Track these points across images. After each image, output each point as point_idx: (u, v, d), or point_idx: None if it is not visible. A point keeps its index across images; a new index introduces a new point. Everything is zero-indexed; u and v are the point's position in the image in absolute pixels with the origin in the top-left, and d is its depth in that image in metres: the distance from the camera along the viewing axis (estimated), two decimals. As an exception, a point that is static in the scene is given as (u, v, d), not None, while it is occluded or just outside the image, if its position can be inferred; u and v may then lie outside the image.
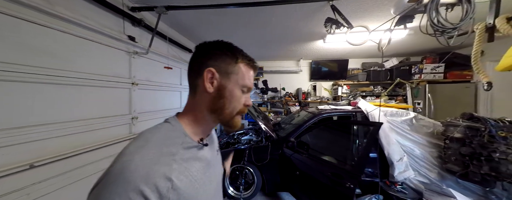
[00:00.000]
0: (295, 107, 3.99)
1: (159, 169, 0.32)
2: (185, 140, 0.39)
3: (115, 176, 0.30)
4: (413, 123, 1.83)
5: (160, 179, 0.31)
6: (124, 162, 0.31)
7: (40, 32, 0.95)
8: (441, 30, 1.01)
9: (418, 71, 3.15)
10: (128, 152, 0.33)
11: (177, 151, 0.36)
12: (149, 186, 0.30)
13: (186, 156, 0.38)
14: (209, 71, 0.40)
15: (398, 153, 1.68)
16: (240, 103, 0.43)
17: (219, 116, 0.42)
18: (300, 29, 2.21)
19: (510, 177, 1.27)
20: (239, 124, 0.45)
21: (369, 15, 1.72)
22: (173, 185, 0.32)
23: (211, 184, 0.43)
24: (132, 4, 1.52)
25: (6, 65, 0.83)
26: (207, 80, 0.40)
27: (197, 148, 0.41)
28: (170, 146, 0.36)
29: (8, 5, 0.83)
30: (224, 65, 0.41)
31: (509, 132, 1.32)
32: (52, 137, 0.99)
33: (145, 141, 0.35)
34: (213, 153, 0.48)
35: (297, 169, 1.64)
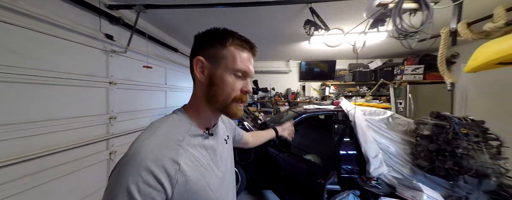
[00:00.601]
0: (285, 106, 4.05)
1: (166, 153, 0.35)
2: (191, 129, 0.41)
3: (128, 159, 0.33)
4: (389, 122, 1.92)
5: (168, 161, 0.34)
6: (136, 147, 0.34)
7: (5, 30, 0.92)
8: (404, 34, 1.07)
9: (399, 72, 3.29)
10: (140, 138, 0.36)
11: (183, 138, 0.38)
12: (158, 167, 0.32)
13: (192, 143, 0.40)
14: (198, 60, 0.41)
15: (374, 150, 1.76)
16: (234, 89, 0.41)
17: (215, 104, 0.42)
18: (285, 30, 2.25)
19: (471, 171, 1.37)
20: (238, 112, 0.43)
21: (345, 18, 1.78)
22: (180, 167, 0.35)
23: (219, 170, 0.45)
24: (110, 2, 1.50)
25: None
26: (197, 70, 0.41)
27: (202, 136, 0.43)
28: (177, 133, 0.38)
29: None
30: (213, 51, 0.40)
31: (470, 129, 1.42)
32: (14, 138, 0.96)
33: (154, 129, 0.38)
34: (220, 142, 0.49)
35: (280, 168, 1.68)
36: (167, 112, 2.56)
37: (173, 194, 0.34)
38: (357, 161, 1.87)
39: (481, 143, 1.39)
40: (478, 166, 1.35)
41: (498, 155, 1.38)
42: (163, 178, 0.33)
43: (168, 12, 1.79)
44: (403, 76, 3.26)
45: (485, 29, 1.09)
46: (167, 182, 0.33)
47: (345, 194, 1.74)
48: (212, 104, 0.42)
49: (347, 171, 1.89)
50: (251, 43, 0.43)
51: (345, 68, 4.06)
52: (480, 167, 1.35)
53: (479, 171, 1.35)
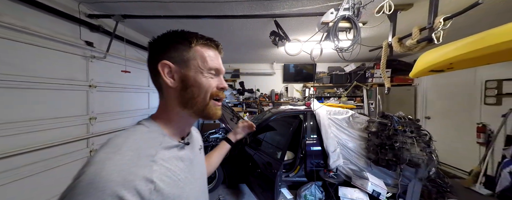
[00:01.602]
0: (269, 106, 4.26)
1: (138, 171, 0.30)
2: (164, 140, 0.38)
3: (83, 187, 0.26)
4: (350, 120, 2.17)
5: (141, 182, 0.29)
6: (94, 171, 0.27)
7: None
8: (339, 48, 1.30)
9: (370, 75, 3.60)
10: (97, 159, 0.29)
11: (156, 152, 0.35)
12: (129, 190, 0.28)
13: (167, 156, 0.36)
14: (164, 65, 0.38)
15: (333, 145, 2.00)
16: (211, 86, 0.40)
17: (193, 107, 0.39)
18: (259, 37, 2.45)
19: (406, 161, 1.63)
20: (217, 112, 0.41)
21: (307, 30, 2.01)
22: (155, 186, 0.31)
23: (196, 181, 0.42)
24: (90, 11, 1.62)
25: None
26: (165, 75, 0.38)
27: (177, 147, 0.40)
28: (148, 148, 0.34)
29: None
30: (178, 53, 0.38)
31: (406, 126, 1.69)
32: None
33: (117, 146, 0.32)
34: (195, 151, 0.47)
35: (255, 165, 1.87)
36: (150, 112, 2.66)
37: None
38: (321, 155, 2.11)
39: (414, 138, 1.66)
40: (411, 157, 1.62)
41: (427, 147, 1.65)
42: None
43: (147, 21, 1.93)
44: (373, 79, 3.57)
45: (406, 45, 1.34)
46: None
47: (309, 185, 1.97)
48: (190, 107, 0.40)
49: (313, 164, 2.11)
50: (215, 41, 0.42)
51: (323, 71, 4.34)
52: (413, 158, 1.61)
53: (412, 161, 1.62)
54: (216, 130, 3.21)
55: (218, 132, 3.03)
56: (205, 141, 2.58)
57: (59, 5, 1.37)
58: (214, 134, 2.92)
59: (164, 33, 0.41)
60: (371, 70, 3.61)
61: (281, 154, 1.50)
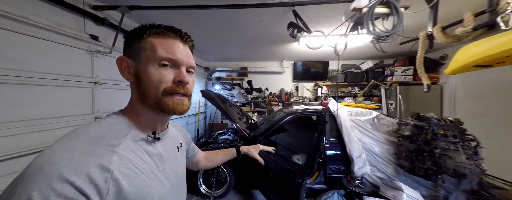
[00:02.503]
0: (278, 106, 4.07)
1: (93, 160, 0.29)
2: (131, 133, 0.37)
3: (32, 171, 0.26)
4: (374, 122, 1.95)
5: (96, 169, 0.29)
6: (46, 157, 0.28)
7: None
8: (376, 38, 1.10)
9: (390, 73, 3.33)
10: (52, 147, 0.30)
11: (119, 143, 0.34)
12: (80, 176, 0.27)
13: (132, 148, 0.35)
14: (121, 60, 0.37)
15: (357, 150, 1.79)
16: (162, 80, 0.36)
17: (147, 102, 0.37)
18: (273, 31, 2.27)
19: (449, 171, 1.39)
20: (177, 106, 0.38)
21: (327, 21, 1.81)
22: (112, 175, 0.30)
23: (167, 179, 0.40)
24: (95, 2, 1.51)
25: None
26: (122, 70, 0.38)
27: (146, 141, 0.39)
28: (111, 138, 0.34)
29: None
30: (132, 46, 0.37)
31: (448, 130, 1.45)
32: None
33: (74, 135, 0.32)
34: (170, 149, 0.45)
35: (268, 168, 1.70)
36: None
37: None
38: (343, 161, 1.90)
39: (458, 143, 1.42)
40: (455, 166, 1.38)
41: (475, 155, 1.41)
42: (88, 188, 0.27)
43: (155, 14, 1.81)
44: (393, 77, 3.30)
45: (456, 34, 1.12)
46: (94, 192, 0.27)
47: (330, 194, 1.77)
48: (145, 102, 0.38)
49: (333, 170, 1.91)
50: (174, 28, 0.39)
51: (337, 69, 4.10)
52: (457, 167, 1.38)
53: (457, 171, 1.38)
54: (224, 130, 3.07)
55: (227, 132, 2.89)
56: (214, 142, 2.44)
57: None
58: (223, 135, 2.78)
59: (133, 29, 0.39)
60: (390, 68, 3.34)
61: (306, 161, 1.31)
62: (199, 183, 2.11)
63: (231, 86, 4.43)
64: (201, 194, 2.07)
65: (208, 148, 2.17)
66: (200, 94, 2.35)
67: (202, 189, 2.09)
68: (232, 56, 3.91)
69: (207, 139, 2.65)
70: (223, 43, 2.88)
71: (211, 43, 2.88)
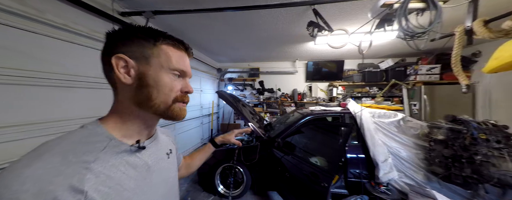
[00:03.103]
0: (291, 107, 4.01)
1: (62, 181, 0.26)
2: (111, 144, 0.34)
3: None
4: (400, 125, 1.83)
5: (65, 192, 0.26)
6: (6, 180, 0.24)
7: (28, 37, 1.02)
8: (410, 35, 1.02)
9: (413, 72, 3.11)
10: (14, 167, 0.26)
11: (95, 159, 0.31)
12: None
13: (112, 162, 0.32)
14: (119, 59, 0.34)
15: (383, 154, 1.68)
16: (173, 89, 0.37)
17: (150, 108, 0.36)
18: (289, 31, 2.24)
19: (492, 180, 1.26)
20: (182, 113, 0.39)
21: (350, 19, 1.74)
22: (86, 197, 0.27)
23: (153, 190, 0.38)
24: (122, 9, 1.60)
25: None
26: (118, 70, 0.34)
27: (129, 152, 0.35)
28: (84, 153, 0.30)
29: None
30: (139, 48, 0.35)
31: (491, 134, 1.31)
32: (33, 137, 1.05)
33: (42, 152, 0.28)
34: (158, 157, 0.42)
35: (285, 169, 1.67)
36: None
37: None
38: (365, 165, 1.81)
39: (503, 149, 1.27)
40: (501, 174, 1.24)
41: (525, 163, 1.26)
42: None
43: (174, 18, 1.87)
44: (417, 77, 3.08)
45: (504, 28, 1.01)
46: None
47: (353, 199, 1.69)
48: (146, 108, 0.36)
49: (354, 175, 1.82)
50: (185, 43, 0.40)
51: (354, 68, 3.93)
52: (503, 176, 1.24)
53: (502, 180, 1.24)
54: (238, 131, 3.09)
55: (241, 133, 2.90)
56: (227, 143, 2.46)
57: (94, 2, 1.36)
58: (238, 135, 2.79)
59: (129, 26, 0.37)
60: (414, 66, 3.12)
61: (331, 165, 1.26)
62: (217, 183, 2.14)
63: (243, 87, 4.45)
64: (218, 194, 2.09)
65: (223, 149, 2.19)
66: (214, 95, 2.38)
67: (219, 189, 2.11)
68: (245, 57, 3.93)
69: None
70: (237, 45, 2.91)
71: (225, 45, 2.92)
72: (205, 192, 2.20)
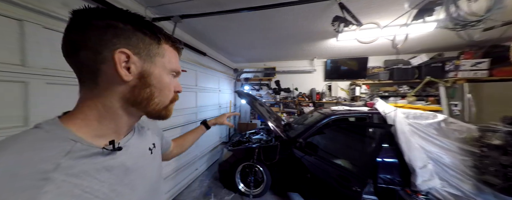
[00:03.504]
0: (309, 107, 3.89)
1: (11, 198, 0.22)
2: (76, 148, 0.29)
3: None
4: (441, 127, 1.63)
5: None
6: None
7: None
8: (461, 24, 0.90)
9: (453, 68, 2.75)
10: None
11: (55, 167, 0.26)
12: None
13: (78, 169, 0.28)
14: (122, 53, 0.30)
15: (421, 160, 1.52)
16: (171, 90, 0.38)
17: (146, 108, 0.35)
18: (310, 29, 2.17)
19: None
20: (171, 113, 0.40)
21: (380, 11, 1.58)
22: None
23: (134, 192, 0.35)
24: (153, 15, 1.74)
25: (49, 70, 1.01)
26: (120, 66, 0.30)
27: (101, 154, 0.31)
28: (41, 161, 0.25)
29: (46, 19, 0.99)
30: (144, 45, 0.33)
31: None
32: None
33: None
34: (139, 154, 0.39)
35: (307, 170, 1.62)
36: (198, 111, 2.80)
37: None
38: (398, 170, 1.65)
39: None
40: None
41: None
42: None
43: (197, 21, 1.96)
44: (458, 73, 2.71)
45: None
46: None
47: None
48: (142, 107, 0.34)
49: (385, 180, 1.68)
50: (180, 42, 0.40)
51: (379, 65, 3.63)
52: None
53: None
54: (256, 130, 3.11)
55: (259, 132, 2.91)
56: (248, 141, 2.48)
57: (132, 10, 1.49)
58: (256, 135, 2.81)
59: (122, 11, 0.32)
60: (455, 62, 2.75)
61: (363, 169, 1.17)
62: (237, 181, 2.17)
63: (259, 86, 4.46)
64: (239, 192, 2.13)
65: (242, 147, 2.22)
66: (231, 95, 2.43)
67: (240, 187, 2.14)
68: (261, 56, 3.94)
69: (240, 138, 2.71)
70: (254, 44, 2.92)
71: (242, 45, 2.96)
72: (226, 189, 2.26)
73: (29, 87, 0.92)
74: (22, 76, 0.89)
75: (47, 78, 0.98)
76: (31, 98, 0.92)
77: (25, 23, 0.90)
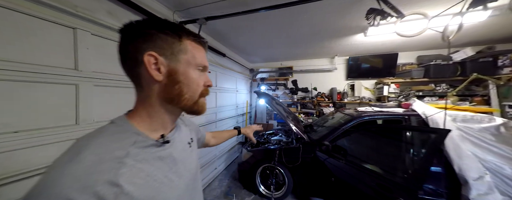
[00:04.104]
0: (329, 108, 3.69)
1: (99, 177, 0.29)
2: (138, 140, 0.35)
3: (38, 194, 0.26)
4: (501, 132, 1.38)
5: (103, 186, 0.28)
6: (50, 179, 0.27)
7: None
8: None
9: (508, 63, 2.35)
10: (55, 166, 0.29)
11: (126, 153, 0.33)
12: (88, 195, 0.27)
13: (141, 156, 0.34)
14: (150, 56, 0.34)
15: (475, 170, 1.30)
16: (199, 84, 0.40)
17: (179, 104, 0.38)
18: (338, 24, 2.04)
19: None
20: (204, 107, 0.42)
21: (416, 1, 1.39)
22: (123, 190, 0.30)
23: (181, 180, 0.41)
24: (180, 19, 1.80)
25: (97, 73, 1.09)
26: (151, 67, 0.35)
27: (155, 145, 0.37)
28: (116, 149, 0.32)
29: (94, 27, 1.06)
30: (167, 45, 0.35)
31: None
32: None
33: (76, 151, 0.30)
34: (182, 147, 0.45)
35: (333, 176, 1.52)
36: (217, 111, 2.84)
37: None
38: (443, 180, 1.44)
39: None
40: None
41: None
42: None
43: (219, 22, 1.98)
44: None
45: None
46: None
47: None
48: (175, 104, 0.38)
49: (427, 191, 1.49)
50: (203, 38, 0.41)
51: (410, 61, 3.28)
52: None
53: None
54: (274, 131, 3.05)
55: (278, 133, 2.84)
56: (266, 142, 2.44)
57: (163, 15, 1.56)
58: (274, 136, 2.75)
59: (144, 19, 0.36)
60: (510, 55, 2.34)
61: (411, 180, 1.03)
62: (258, 183, 2.15)
63: (276, 86, 4.39)
64: (259, 194, 2.10)
65: (261, 148, 2.18)
66: (247, 95, 2.41)
67: (261, 189, 2.11)
68: (278, 56, 3.86)
69: (258, 138, 2.68)
70: (272, 43, 2.87)
71: (261, 44, 2.93)
72: (245, 190, 2.25)
73: (80, 89, 1.01)
74: (75, 79, 0.99)
75: (95, 80, 1.07)
76: (82, 99, 1.01)
77: (77, 31, 0.99)
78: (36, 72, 0.85)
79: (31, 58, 0.84)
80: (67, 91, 0.96)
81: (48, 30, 0.90)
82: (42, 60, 0.87)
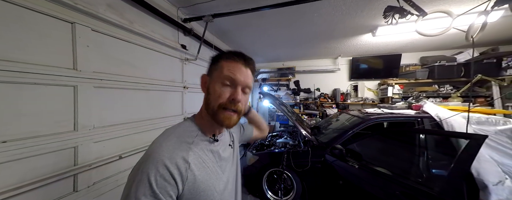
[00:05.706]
0: (332, 109, 3.66)
1: (179, 153, 0.40)
2: (199, 134, 0.47)
3: (147, 157, 0.39)
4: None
5: (180, 160, 0.39)
6: (153, 149, 0.40)
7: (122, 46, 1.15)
8: None
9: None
10: (157, 141, 0.43)
11: (192, 141, 0.44)
12: (173, 164, 0.37)
13: (200, 146, 0.45)
14: (203, 77, 0.49)
15: (495, 174, 1.27)
16: (221, 96, 0.44)
17: (208, 111, 0.47)
18: (346, 23, 1.99)
19: None
20: (226, 120, 0.45)
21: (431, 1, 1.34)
22: (190, 166, 0.40)
23: (224, 173, 0.49)
24: (184, 16, 1.70)
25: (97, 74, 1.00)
26: (202, 85, 0.50)
27: (208, 141, 0.48)
28: (188, 137, 0.44)
29: (94, 21, 0.97)
30: (212, 68, 0.48)
31: None
32: (131, 134, 1.18)
33: (167, 134, 0.44)
34: (225, 148, 0.54)
35: (342, 178, 1.46)
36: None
37: (183, 190, 0.38)
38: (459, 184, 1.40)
39: None
40: None
41: None
42: (176, 174, 0.37)
43: (225, 20, 1.89)
44: (520, 70, 2.32)
45: None
46: (179, 178, 0.37)
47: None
48: (208, 111, 0.46)
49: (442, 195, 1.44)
50: (243, 55, 0.47)
51: (414, 62, 3.29)
52: None
53: None
54: (279, 133, 2.97)
55: (283, 136, 2.77)
56: (271, 145, 2.36)
57: (165, 11, 1.47)
58: (279, 138, 2.68)
59: (218, 54, 0.50)
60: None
61: (447, 190, 0.97)
62: (265, 189, 2.07)
63: (278, 87, 4.32)
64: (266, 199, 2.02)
65: (268, 152, 2.11)
66: (252, 95, 2.33)
67: (268, 195, 2.03)
68: (281, 56, 3.80)
69: (262, 141, 2.60)
70: (276, 43, 2.80)
71: (266, 44, 2.86)
72: (251, 196, 2.16)
73: (79, 91, 0.91)
74: (73, 80, 0.89)
75: (95, 82, 0.97)
76: (81, 102, 0.92)
77: (76, 25, 0.88)
78: (28, 72, 0.75)
79: (21, 56, 0.74)
80: (64, 94, 0.86)
81: (43, 24, 0.80)
82: (35, 58, 0.77)
